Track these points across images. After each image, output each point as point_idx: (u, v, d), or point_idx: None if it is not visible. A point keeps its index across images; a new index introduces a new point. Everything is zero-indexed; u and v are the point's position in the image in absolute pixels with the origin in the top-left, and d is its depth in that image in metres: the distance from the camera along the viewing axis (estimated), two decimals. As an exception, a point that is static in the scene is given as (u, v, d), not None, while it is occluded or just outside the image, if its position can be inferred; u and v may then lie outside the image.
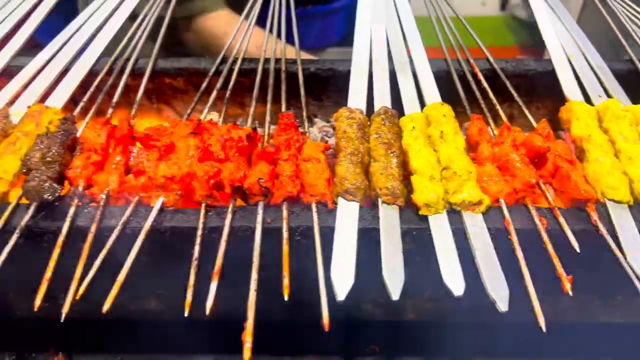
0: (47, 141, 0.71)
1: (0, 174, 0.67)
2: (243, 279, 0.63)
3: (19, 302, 0.76)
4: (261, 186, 0.66)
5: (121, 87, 0.84)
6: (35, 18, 0.99)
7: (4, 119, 0.75)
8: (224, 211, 0.66)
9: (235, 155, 0.70)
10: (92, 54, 0.90)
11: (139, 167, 0.68)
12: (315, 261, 0.60)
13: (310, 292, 0.57)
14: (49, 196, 0.64)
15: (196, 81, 0.92)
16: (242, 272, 0.62)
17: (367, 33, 0.96)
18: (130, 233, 0.64)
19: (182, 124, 0.74)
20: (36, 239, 0.65)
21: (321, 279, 0.58)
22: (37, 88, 0.83)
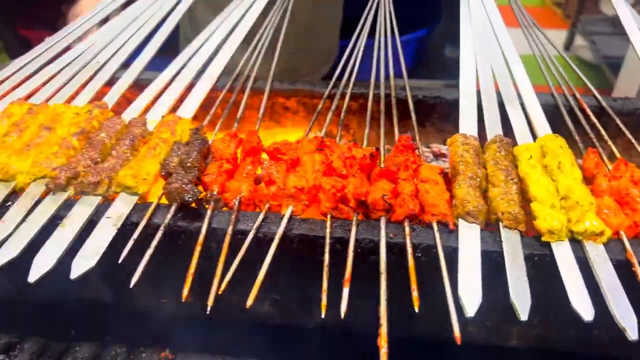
0: (184, 148, 0.77)
1: (143, 175, 0.73)
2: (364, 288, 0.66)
3: (142, 295, 0.81)
4: (385, 202, 0.69)
5: (243, 104, 0.90)
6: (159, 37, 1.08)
7: (143, 125, 0.82)
8: (347, 223, 0.69)
9: (357, 172, 0.74)
10: (214, 72, 0.97)
11: (269, 177, 0.73)
12: (437, 278, 0.62)
13: (431, 307, 0.60)
14: (189, 198, 0.69)
15: (307, 102, 0.97)
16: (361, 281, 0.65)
17: (472, 64, 0.99)
18: (262, 237, 0.68)
19: (305, 140, 0.78)
20: (174, 236, 0.70)
21: (449, 294, 0.60)
22: (167, 100, 0.90)
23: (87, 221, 0.69)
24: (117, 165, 0.74)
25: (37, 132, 0.79)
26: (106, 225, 0.68)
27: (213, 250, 0.69)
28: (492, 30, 1.10)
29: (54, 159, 0.74)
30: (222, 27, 1.07)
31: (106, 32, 1.08)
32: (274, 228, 0.69)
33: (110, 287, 0.79)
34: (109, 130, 0.80)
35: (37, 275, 0.61)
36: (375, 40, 1.07)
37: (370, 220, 0.70)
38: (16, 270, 0.63)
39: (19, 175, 0.73)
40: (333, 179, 0.72)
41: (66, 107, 0.85)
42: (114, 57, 1.01)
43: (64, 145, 0.77)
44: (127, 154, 0.77)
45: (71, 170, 0.72)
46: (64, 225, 0.67)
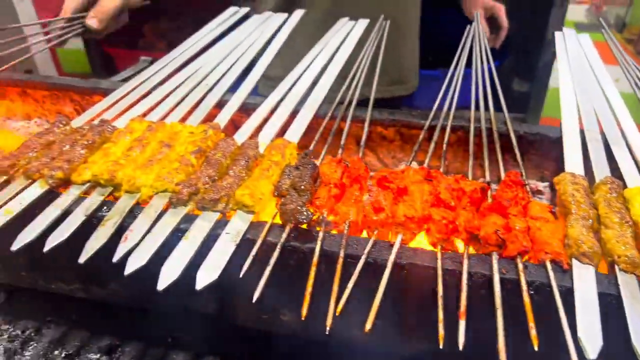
0: (295, 172, 0.80)
1: (258, 194, 0.76)
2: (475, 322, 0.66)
3: (243, 310, 0.84)
4: (499, 237, 0.69)
5: (346, 132, 0.93)
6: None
7: (255, 148, 0.86)
8: (458, 256, 0.70)
9: (467, 205, 0.74)
10: (316, 100, 1.01)
11: (378, 204, 0.75)
12: (550, 317, 0.62)
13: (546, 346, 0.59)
14: (303, 219, 0.72)
15: (405, 132, 0.99)
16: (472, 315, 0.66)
17: (572, 101, 0.98)
18: (371, 262, 0.70)
19: (412, 170, 0.80)
20: (284, 256, 0.73)
21: (568, 335, 0.59)
22: (274, 125, 0.95)
23: (207, 236, 0.72)
24: (234, 185, 0.78)
25: (158, 149, 0.85)
26: (226, 241, 0.71)
27: (323, 272, 0.72)
28: (590, 66, 1.09)
29: (175, 174, 0.79)
30: (321, 55, 1.12)
31: (213, 55, 1.15)
32: (384, 255, 0.70)
33: (215, 300, 0.83)
34: (225, 150, 0.85)
35: (165, 284, 0.65)
36: (473, 69, 1.08)
37: (480, 254, 0.71)
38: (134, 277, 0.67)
39: (143, 188, 0.78)
40: (442, 210, 0.73)
41: (182, 126, 0.91)
42: (222, 80, 1.06)
43: (183, 162, 0.82)
44: (243, 174, 0.81)
45: (192, 187, 0.77)
46: (187, 238, 0.71)
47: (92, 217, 0.75)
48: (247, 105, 1.01)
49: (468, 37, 1.19)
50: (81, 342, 0.94)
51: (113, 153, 0.85)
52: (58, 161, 0.81)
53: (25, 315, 0.98)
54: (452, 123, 0.96)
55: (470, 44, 1.21)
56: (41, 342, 0.94)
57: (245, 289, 0.78)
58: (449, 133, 0.93)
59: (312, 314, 0.64)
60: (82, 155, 0.84)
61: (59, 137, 0.89)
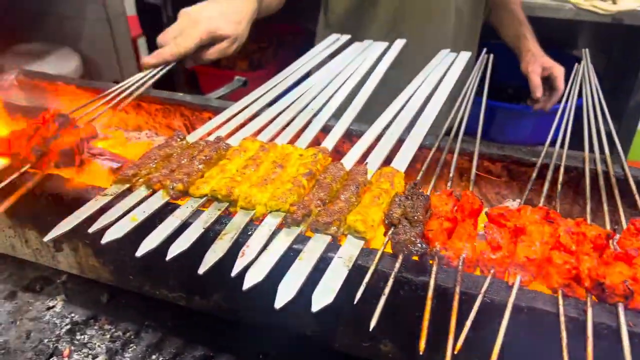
0: (407, 201, 0.80)
1: (370, 221, 0.77)
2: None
3: (343, 336, 0.84)
4: (627, 288, 0.66)
5: (454, 164, 0.92)
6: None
7: (364, 174, 0.87)
8: (581, 303, 0.67)
9: (590, 250, 0.71)
10: (421, 130, 1.01)
11: (496, 242, 0.73)
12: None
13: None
14: (417, 251, 0.72)
15: (514, 169, 0.97)
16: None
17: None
18: (488, 302, 0.68)
19: (528, 208, 0.78)
20: (396, 286, 0.72)
21: None
22: (380, 152, 0.95)
23: (320, 257, 0.73)
24: (345, 209, 0.79)
25: (272, 169, 0.87)
26: (339, 265, 0.72)
27: (434, 307, 0.70)
28: None
29: (288, 195, 0.81)
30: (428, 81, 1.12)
31: (317, 80, 1.17)
32: (501, 295, 0.68)
33: (316, 322, 0.83)
34: (335, 175, 0.86)
35: (282, 302, 0.66)
36: (584, 104, 1.05)
37: (605, 303, 0.68)
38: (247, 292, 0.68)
39: (258, 205, 0.80)
40: (564, 254, 0.70)
41: (293, 148, 0.93)
42: (328, 105, 1.09)
43: (296, 183, 0.83)
44: (353, 200, 0.81)
45: (306, 209, 0.78)
46: (301, 259, 0.72)
47: (209, 230, 0.78)
48: (351, 132, 1.03)
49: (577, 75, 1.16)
50: (177, 349, 0.96)
51: (229, 170, 0.88)
52: (179, 174, 0.85)
53: (126, 318, 1.02)
54: (567, 163, 0.93)
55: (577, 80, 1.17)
56: (140, 345, 0.97)
57: (351, 315, 0.78)
58: (563, 173, 0.90)
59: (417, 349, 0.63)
60: (200, 169, 0.88)
61: (176, 151, 0.94)
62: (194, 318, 1.01)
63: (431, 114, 1.05)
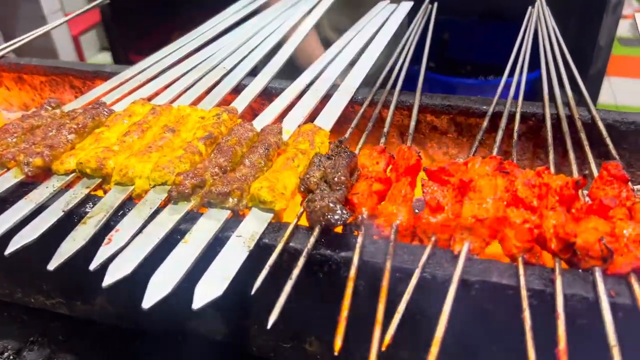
0: (328, 162, 0.63)
1: (280, 188, 0.60)
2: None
3: (259, 336, 0.67)
4: (605, 247, 0.50)
5: (389, 118, 0.76)
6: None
7: (278, 134, 0.70)
8: (547, 272, 0.52)
9: (556, 204, 0.56)
10: (352, 83, 0.84)
11: (436, 202, 0.57)
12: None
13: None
14: (337, 220, 0.55)
15: (462, 122, 0.81)
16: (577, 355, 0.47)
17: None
18: (428, 278, 0.52)
19: (478, 160, 0.62)
20: (312, 267, 0.56)
21: None
22: (301, 110, 0.78)
23: (213, 238, 0.56)
24: (250, 176, 0.62)
25: (160, 134, 0.69)
26: (237, 246, 0.55)
27: (360, 290, 0.54)
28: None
29: (177, 164, 0.63)
30: (362, 33, 0.96)
31: (234, 37, 1.00)
32: (445, 268, 0.52)
33: (224, 323, 0.66)
34: (240, 136, 0.69)
35: (152, 301, 0.49)
36: (542, 63, 0.90)
37: (577, 269, 0.52)
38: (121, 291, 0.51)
39: (138, 179, 0.63)
40: (523, 211, 0.55)
41: (192, 110, 0.75)
42: (242, 64, 0.91)
43: (189, 149, 0.66)
44: (261, 164, 0.65)
45: (197, 178, 0.61)
46: (186, 242, 0.55)
47: (73, 214, 0.60)
48: (271, 90, 0.85)
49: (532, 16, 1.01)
50: (67, 368, 0.78)
51: (106, 138, 0.70)
52: (38, 146, 0.67)
53: (6, 334, 0.83)
54: (523, 110, 0.77)
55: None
56: (21, 366, 0.79)
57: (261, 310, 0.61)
58: (519, 121, 0.75)
59: (350, 347, 0.47)
60: (70, 141, 0.69)
61: (45, 122, 0.75)
62: (90, 329, 0.82)
63: (364, 66, 0.89)
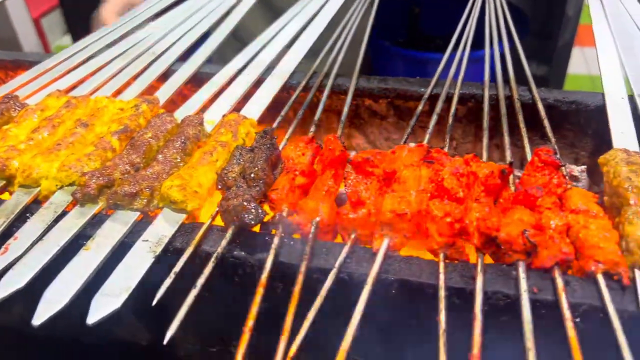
0: (248, 155, 0.59)
1: (193, 186, 0.56)
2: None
3: (183, 341, 0.64)
4: (527, 240, 0.48)
5: (322, 105, 0.72)
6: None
7: (199, 125, 0.65)
8: (469, 268, 0.49)
9: (481, 195, 0.53)
10: (287, 67, 0.80)
11: (357, 197, 0.54)
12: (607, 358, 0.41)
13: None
14: (251, 220, 0.52)
15: (401, 105, 0.78)
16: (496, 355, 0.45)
17: (615, 64, 0.77)
18: (346, 279, 0.49)
19: (405, 148, 0.59)
20: (227, 271, 0.52)
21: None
22: (230, 97, 0.74)
23: (118, 244, 0.52)
24: (163, 174, 0.58)
25: (72, 130, 0.65)
26: (141, 251, 0.51)
27: (279, 293, 0.51)
28: (634, 23, 0.87)
29: (86, 162, 0.59)
30: (300, 15, 0.91)
31: (165, 21, 0.94)
32: (363, 267, 0.49)
33: (147, 328, 0.63)
34: (157, 129, 0.64)
35: (44, 317, 0.45)
36: (486, 41, 0.87)
37: (501, 265, 0.50)
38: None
39: (44, 180, 0.58)
40: (447, 203, 0.52)
41: (109, 101, 0.71)
42: (172, 49, 0.86)
43: (100, 145, 0.61)
44: (177, 160, 0.60)
45: (104, 177, 0.56)
46: (88, 249, 0.51)
47: (-31, 221, 0.56)
48: (202, 75, 0.81)
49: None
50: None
51: (14, 136, 0.65)
52: None
53: None
54: (461, 91, 0.74)
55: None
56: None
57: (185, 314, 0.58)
58: (456, 104, 0.71)
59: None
60: (-28, 139, 0.64)
61: (-53, 119, 0.69)
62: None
63: (300, 50, 0.84)
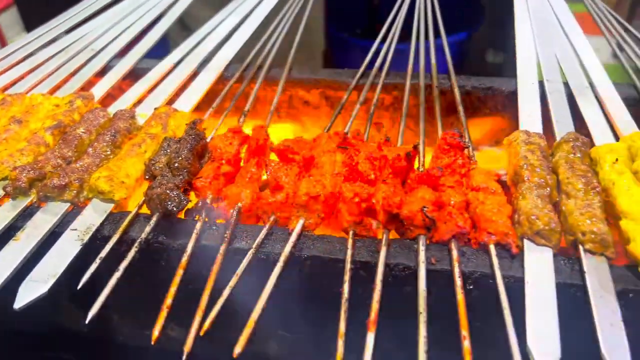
0: (174, 145, 0.62)
1: (121, 177, 0.59)
2: (396, 330, 0.50)
3: (121, 326, 0.67)
4: (426, 216, 0.52)
5: (253, 95, 0.76)
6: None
7: (130, 119, 0.68)
8: (375, 243, 0.53)
9: (389, 176, 0.58)
10: (222, 60, 0.83)
11: (276, 182, 0.58)
12: (496, 321, 0.46)
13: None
14: (173, 207, 0.55)
15: (331, 95, 0.82)
16: (396, 323, 0.49)
17: (530, 52, 0.82)
18: (263, 258, 0.53)
19: (325, 136, 0.63)
20: (154, 256, 0.56)
21: (513, 344, 0.43)
22: (164, 91, 0.77)
23: (48, 234, 0.55)
24: (93, 166, 0.61)
25: (6, 126, 0.67)
26: (69, 240, 0.54)
27: (205, 274, 0.55)
28: (555, 15, 0.93)
29: (18, 157, 0.61)
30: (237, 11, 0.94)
31: (105, 18, 0.96)
32: (279, 247, 0.53)
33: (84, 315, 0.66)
34: (90, 123, 0.67)
35: (-28, 304, 0.48)
36: (413, 33, 0.91)
37: (405, 239, 0.54)
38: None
39: (-24, 176, 0.60)
40: (358, 185, 0.56)
41: (45, 98, 0.73)
42: (111, 45, 0.88)
43: (33, 140, 0.64)
44: (107, 152, 0.63)
45: (35, 171, 0.59)
46: (17, 239, 0.54)
47: None
48: (139, 71, 0.83)
49: None
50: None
51: (-54, 135, 0.66)
52: None
53: None
54: (386, 81, 0.78)
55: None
56: None
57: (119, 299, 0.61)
58: (379, 92, 0.75)
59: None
60: None
61: None
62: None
63: (236, 43, 0.87)
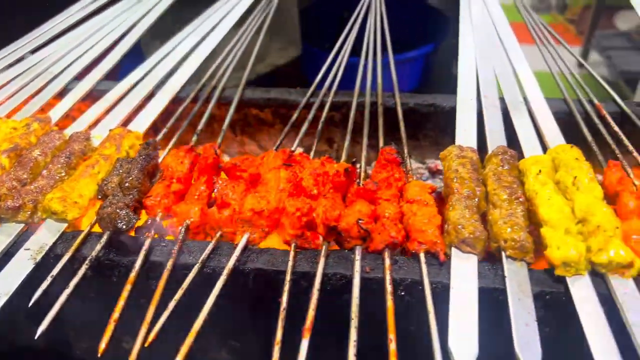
0: (126, 165, 0.65)
1: (74, 197, 0.61)
2: (336, 338, 0.53)
3: (79, 341, 0.69)
4: (360, 228, 0.56)
5: (206, 115, 0.79)
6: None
7: (85, 140, 0.71)
8: (315, 254, 0.57)
9: (330, 191, 0.61)
10: (178, 81, 0.86)
11: (223, 199, 0.61)
12: (424, 324, 0.49)
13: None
14: (123, 225, 0.58)
15: (284, 113, 0.85)
16: (335, 329, 0.53)
17: (471, 68, 0.87)
18: (209, 272, 0.56)
19: (271, 154, 0.67)
20: (105, 273, 0.58)
21: (436, 348, 0.47)
22: (120, 112, 0.79)
23: (2, 254, 0.57)
24: (47, 187, 0.63)
25: (-38, 151, 0.69)
26: (22, 259, 0.56)
27: (154, 289, 0.57)
28: (495, 31, 0.98)
29: (-26, 180, 0.63)
30: (192, 36, 0.97)
31: (64, 42, 0.98)
32: (224, 261, 0.56)
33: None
34: (46, 146, 0.69)
35: None
36: (362, 51, 0.95)
37: (343, 250, 0.58)
38: None
39: None
40: (300, 200, 0.60)
41: (1, 122, 0.75)
42: (70, 68, 0.90)
43: (-11, 164, 0.66)
44: (62, 174, 0.65)
45: (-10, 194, 0.61)
46: (-30, 260, 0.56)
47: None
48: (98, 93, 0.86)
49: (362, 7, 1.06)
50: None
51: None
52: None
53: None
54: (334, 99, 0.82)
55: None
56: None
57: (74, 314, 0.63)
58: (328, 110, 0.79)
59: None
60: None
61: None
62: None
63: (194, 63, 0.91)
